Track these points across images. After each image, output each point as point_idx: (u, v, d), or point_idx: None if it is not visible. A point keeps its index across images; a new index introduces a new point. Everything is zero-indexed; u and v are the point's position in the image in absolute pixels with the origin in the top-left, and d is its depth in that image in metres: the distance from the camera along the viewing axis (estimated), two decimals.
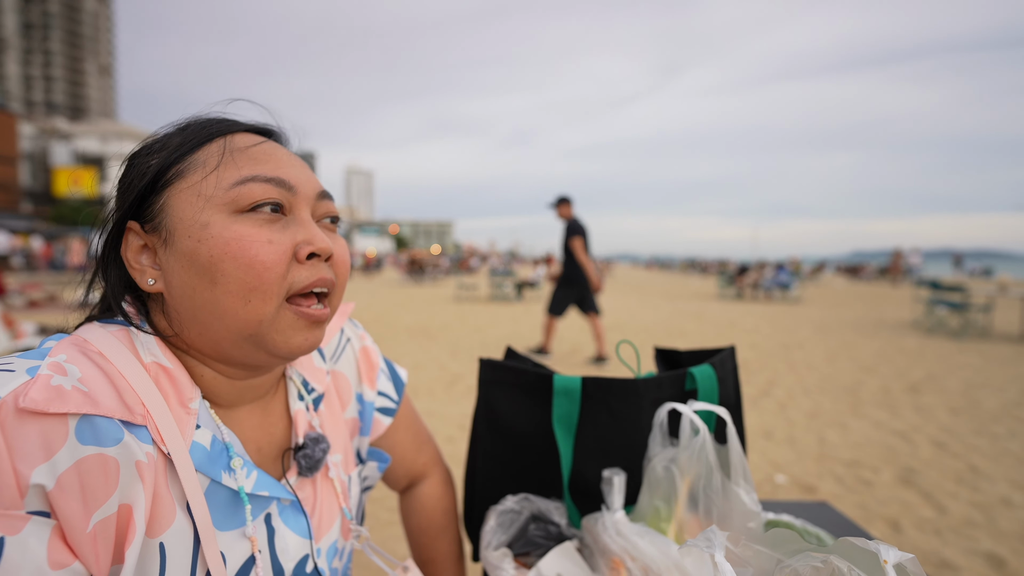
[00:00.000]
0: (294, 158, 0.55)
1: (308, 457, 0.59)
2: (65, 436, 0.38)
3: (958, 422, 3.84)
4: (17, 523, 0.36)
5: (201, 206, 0.48)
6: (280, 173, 0.51)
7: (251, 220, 0.48)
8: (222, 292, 0.47)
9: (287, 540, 0.55)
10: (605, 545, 0.68)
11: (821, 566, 0.48)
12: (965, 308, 8.29)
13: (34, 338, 4.37)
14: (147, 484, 0.43)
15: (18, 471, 0.36)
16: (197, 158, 0.50)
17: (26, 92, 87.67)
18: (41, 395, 0.38)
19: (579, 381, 0.77)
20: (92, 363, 0.44)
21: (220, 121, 0.54)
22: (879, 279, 29.97)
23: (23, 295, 9.95)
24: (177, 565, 0.45)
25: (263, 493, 0.53)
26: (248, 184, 0.49)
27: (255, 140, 0.53)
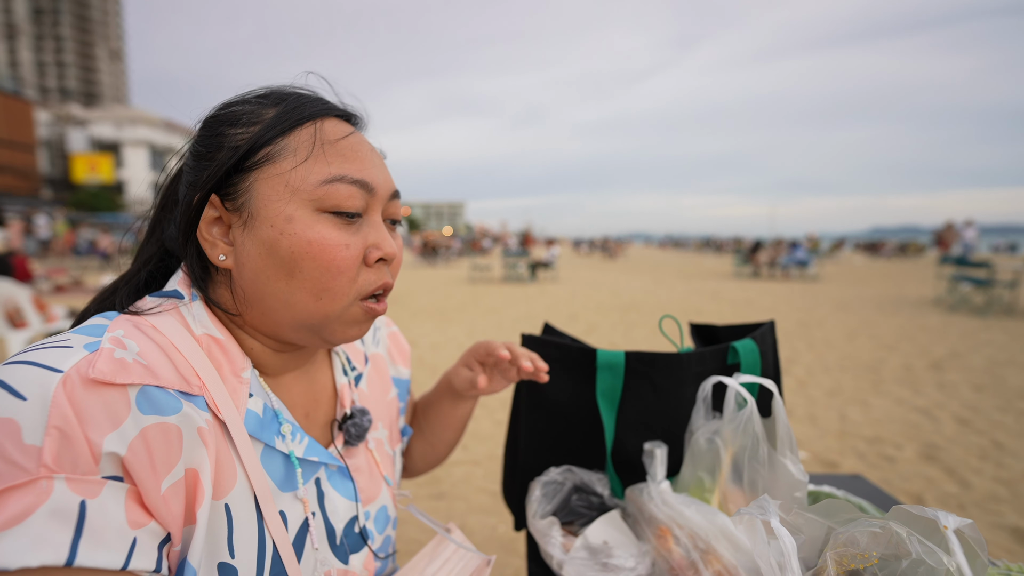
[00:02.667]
0: (375, 154, 0.55)
1: (357, 426, 0.62)
2: (128, 407, 0.40)
3: (982, 399, 3.79)
4: (95, 487, 0.38)
5: (288, 197, 0.48)
6: (365, 175, 0.51)
7: (333, 222, 0.49)
8: (297, 286, 0.49)
9: (336, 503, 0.59)
10: (651, 514, 0.70)
11: (880, 532, 0.49)
12: (990, 284, 8.09)
13: (65, 321, 4.51)
14: (210, 449, 0.45)
15: (90, 439, 0.38)
16: (289, 143, 0.49)
17: (40, 79, 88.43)
18: (108, 367, 0.40)
19: (623, 355, 0.77)
20: (148, 337, 0.46)
21: (313, 101, 0.53)
22: (898, 256, 29.31)
23: (49, 280, 10.21)
24: (244, 525, 0.48)
25: (313, 458, 0.56)
26: (336, 184, 0.49)
27: (344, 131, 0.53)
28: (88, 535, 0.37)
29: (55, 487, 0.36)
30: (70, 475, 0.37)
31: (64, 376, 0.38)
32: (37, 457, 0.36)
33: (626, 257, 31.50)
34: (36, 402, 0.37)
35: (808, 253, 15.63)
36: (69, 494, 0.36)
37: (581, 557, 0.68)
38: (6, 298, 4.19)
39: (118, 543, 0.38)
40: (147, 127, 49.65)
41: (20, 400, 0.37)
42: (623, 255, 33.57)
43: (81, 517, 0.37)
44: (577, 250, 44.59)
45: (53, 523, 0.36)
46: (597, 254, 35.70)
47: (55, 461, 0.36)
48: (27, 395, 0.37)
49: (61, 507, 0.36)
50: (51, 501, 0.36)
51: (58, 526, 0.36)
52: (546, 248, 16.79)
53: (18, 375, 0.38)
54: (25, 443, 0.36)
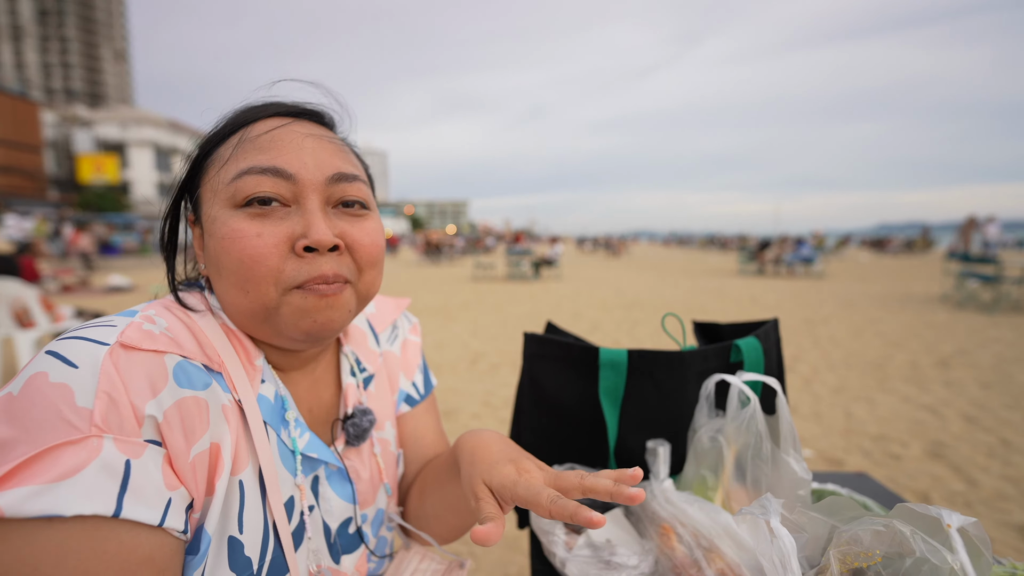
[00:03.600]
0: (311, 140, 0.52)
1: (356, 426, 0.63)
2: (166, 379, 0.44)
3: (990, 396, 3.76)
4: (138, 448, 0.41)
5: (212, 201, 0.51)
6: (278, 162, 0.50)
7: (245, 214, 0.49)
8: (227, 284, 0.50)
9: (332, 503, 0.59)
10: (654, 512, 0.70)
11: (883, 530, 0.48)
12: (998, 281, 8.02)
13: (72, 320, 4.54)
14: (231, 425, 0.49)
15: (134, 404, 0.41)
16: (220, 152, 0.53)
17: (45, 80, 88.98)
18: (136, 335, 0.44)
19: (625, 354, 0.77)
20: (176, 317, 0.50)
21: (245, 110, 0.55)
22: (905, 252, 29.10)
23: (56, 280, 10.29)
24: (253, 503, 0.50)
25: (312, 455, 0.57)
26: (244, 177, 0.49)
27: (273, 125, 0.52)
28: (132, 491, 0.40)
29: (104, 445, 0.39)
30: (117, 435, 0.40)
31: (110, 347, 0.42)
32: (89, 418, 0.39)
33: (630, 255, 31.44)
34: (87, 370, 0.41)
35: (813, 250, 15.54)
36: (116, 453, 0.40)
37: (584, 555, 0.68)
38: (14, 298, 4.23)
39: (156, 501, 0.41)
40: (152, 127, 49.90)
41: (72, 368, 0.40)
42: (627, 253, 33.50)
43: (126, 474, 0.40)
44: (581, 248, 44.51)
45: (103, 477, 0.39)
46: (601, 252, 35.65)
47: (104, 422, 0.40)
48: (79, 363, 0.41)
49: (110, 463, 0.39)
50: (101, 457, 0.39)
51: (107, 481, 0.39)
52: (549, 246, 16.77)
53: (70, 347, 0.42)
54: (78, 405, 0.39)
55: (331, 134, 0.57)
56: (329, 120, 0.60)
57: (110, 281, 10.51)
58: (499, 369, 4.51)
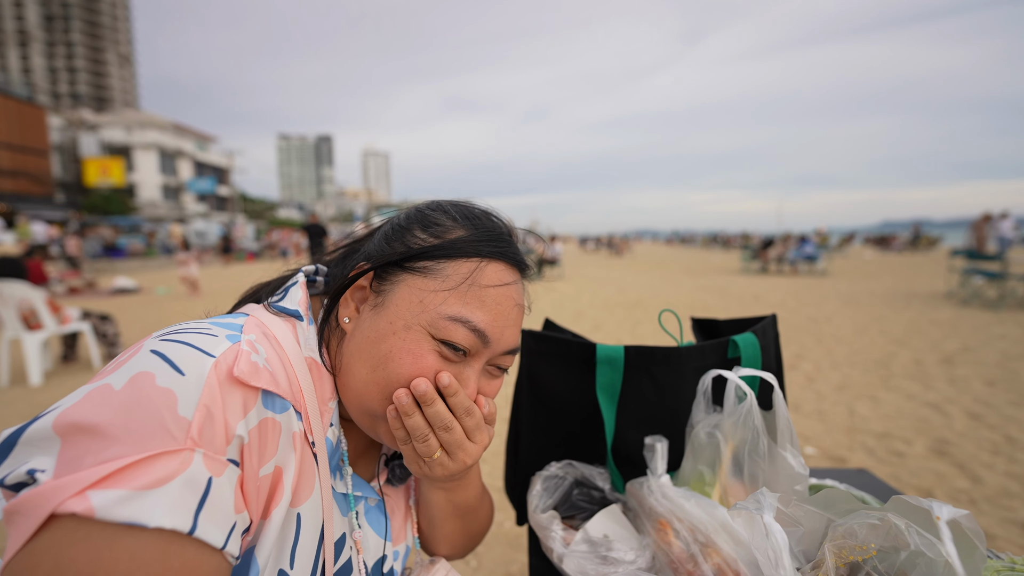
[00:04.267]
0: (517, 311, 0.57)
1: (402, 467, 0.66)
2: (255, 401, 0.44)
3: (994, 393, 3.74)
4: (221, 467, 0.41)
5: (417, 311, 0.52)
6: (489, 328, 0.53)
7: (436, 348, 0.52)
8: (375, 380, 0.52)
9: (368, 540, 0.61)
10: (651, 507, 0.70)
11: (878, 523, 0.49)
12: (1003, 278, 7.97)
13: (79, 323, 4.58)
14: (297, 454, 0.49)
15: (228, 422, 0.41)
16: (446, 269, 0.54)
17: (51, 84, 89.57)
18: (247, 368, 0.44)
19: (622, 350, 0.78)
20: (272, 348, 0.50)
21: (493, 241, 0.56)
22: (909, 249, 28.93)
23: (63, 283, 10.37)
24: (307, 538, 0.50)
25: (357, 493, 0.59)
26: (457, 325, 0.52)
27: (501, 280, 0.55)
28: (207, 510, 0.39)
29: (195, 459, 0.39)
30: (207, 451, 0.40)
31: (216, 360, 0.42)
32: (187, 429, 0.39)
33: (632, 254, 31.38)
34: (193, 380, 0.40)
35: (817, 248, 15.47)
36: (203, 468, 0.39)
37: (581, 550, 0.69)
38: (21, 300, 4.27)
39: (224, 523, 0.41)
40: (157, 130, 50.15)
41: (180, 375, 0.40)
42: (629, 252, 33.44)
43: (206, 492, 0.39)
44: (583, 247, 44.44)
45: (186, 492, 0.38)
46: (603, 251, 35.58)
47: (200, 435, 0.39)
48: (186, 371, 0.41)
49: (195, 479, 0.39)
50: (189, 471, 0.39)
51: (189, 496, 0.38)
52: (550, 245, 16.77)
53: (176, 352, 0.42)
54: (180, 414, 0.39)
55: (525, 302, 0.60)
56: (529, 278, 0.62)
57: (116, 283, 10.58)
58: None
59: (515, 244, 0.59)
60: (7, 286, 4.18)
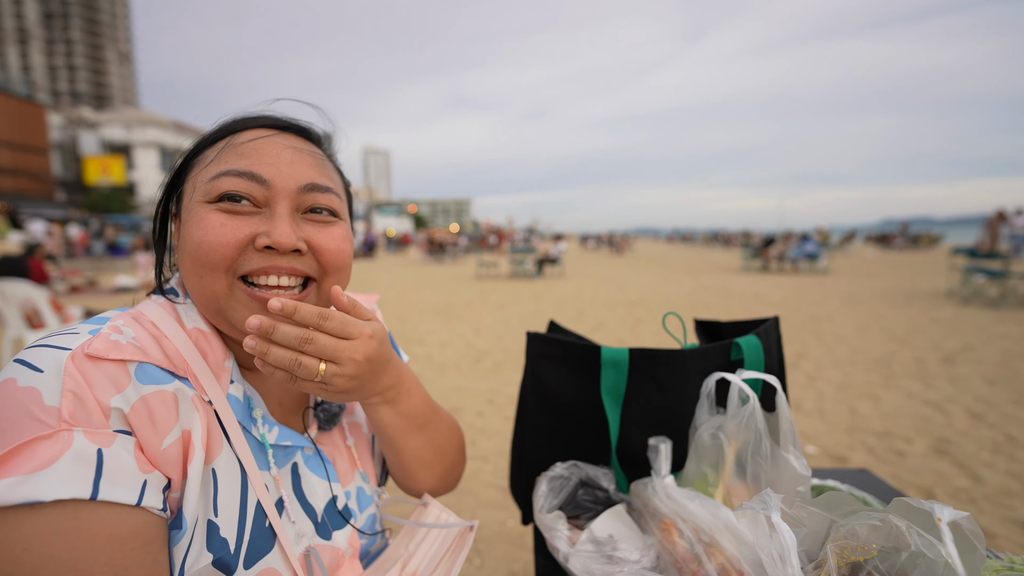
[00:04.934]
0: (290, 152, 0.57)
1: (326, 411, 0.67)
2: (128, 378, 0.47)
3: (995, 392, 3.75)
4: (108, 438, 0.44)
5: (191, 196, 0.56)
6: (255, 167, 0.54)
7: (214, 207, 0.53)
8: (187, 269, 0.54)
9: (313, 484, 0.63)
10: (656, 508, 0.71)
11: (879, 524, 0.50)
12: (1004, 276, 7.97)
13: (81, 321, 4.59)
14: (201, 415, 0.52)
15: (99, 399, 0.45)
16: (205, 155, 0.57)
17: (51, 82, 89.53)
18: (103, 345, 0.47)
19: (627, 353, 0.79)
20: (143, 328, 0.53)
21: (235, 120, 0.60)
22: (910, 247, 28.90)
23: (64, 281, 10.38)
24: (227, 489, 0.53)
25: (286, 443, 0.60)
26: (221, 178, 0.54)
27: (258, 135, 0.57)
28: (107, 476, 0.43)
29: (75, 437, 0.43)
30: (86, 428, 0.43)
31: (72, 352, 0.46)
32: (57, 415, 0.43)
33: (633, 252, 31.38)
34: (51, 373, 0.44)
35: (818, 246, 15.46)
36: (87, 443, 0.43)
37: (587, 550, 0.70)
38: (24, 299, 4.28)
39: (132, 483, 0.44)
40: (156, 129, 50.17)
41: (38, 372, 0.44)
42: (630, 250, 33.43)
43: (99, 462, 0.43)
44: (584, 246, 44.44)
45: (77, 466, 0.42)
46: (604, 249, 35.58)
47: (72, 417, 0.43)
48: (43, 368, 0.44)
49: (82, 453, 0.42)
50: (73, 449, 0.42)
51: (82, 468, 0.42)
52: (552, 243, 16.75)
53: (34, 354, 0.46)
54: (46, 404, 0.43)
55: (313, 148, 0.61)
56: (315, 137, 0.63)
57: (117, 282, 10.59)
58: (502, 367, 4.53)
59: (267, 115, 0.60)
60: (10, 285, 4.20)
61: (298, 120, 0.62)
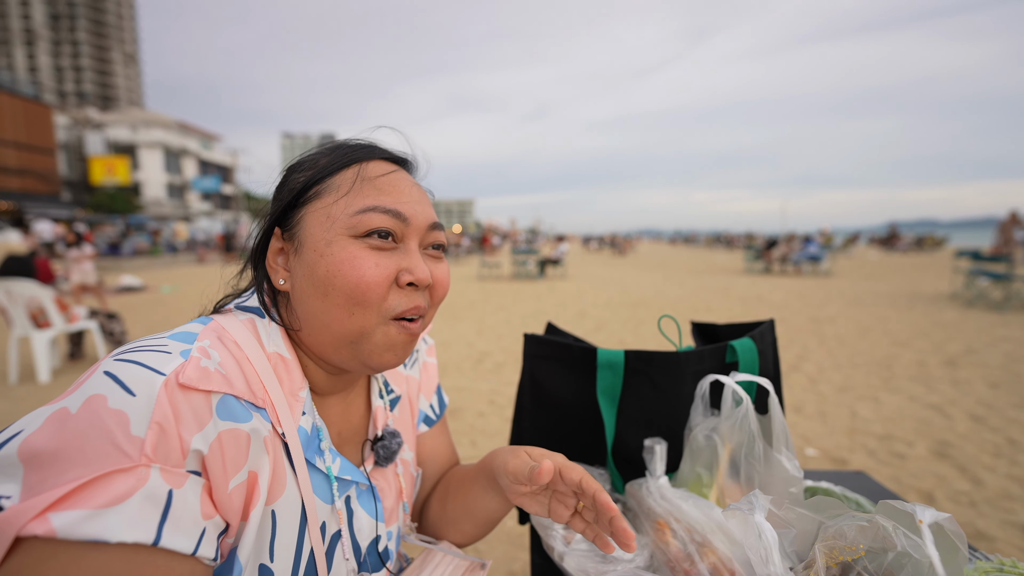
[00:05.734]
0: (416, 190, 0.60)
1: (385, 448, 0.67)
2: (210, 413, 0.46)
3: (997, 395, 3.74)
4: (181, 479, 0.43)
5: (328, 226, 0.55)
6: (398, 205, 0.56)
7: (365, 244, 0.54)
8: (331, 303, 0.53)
9: (362, 521, 0.63)
10: (650, 508, 0.72)
11: (867, 525, 0.51)
12: (1008, 279, 7.94)
13: (86, 321, 4.63)
14: (270, 456, 0.51)
15: (182, 436, 0.43)
16: (334, 182, 0.57)
17: (57, 83, 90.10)
18: (194, 374, 0.46)
19: (622, 354, 0.80)
20: (228, 351, 0.52)
21: (360, 148, 0.60)
22: (914, 250, 28.79)
23: (69, 281, 10.44)
24: (285, 531, 0.53)
25: (346, 477, 0.61)
26: (369, 213, 0.54)
27: (386, 169, 0.59)
28: (171, 521, 0.42)
29: (151, 475, 0.41)
30: (164, 465, 0.42)
31: (166, 379, 0.44)
32: (140, 447, 0.41)
33: (636, 253, 31.36)
34: (143, 399, 0.42)
35: (821, 248, 15.41)
36: (161, 482, 0.42)
37: (581, 549, 0.71)
38: (30, 298, 4.32)
39: (192, 530, 0.43)
40: (162, 129, 50.39)
41: (130, 395, 0.42)
42: (632, 251, 33.40)
43: (168, 504, 0.42)
44: (586, 247, 44.42)
45: (147, 506, 0.41)
46: (606, 250, 35.57)
47: (154, 452, 0.42)
48: (136, 392, 0.43)
49: (154, 493, 0.41)
50: (147, 487, 0.41)
51: (150, 509, 0.41)
52: (554, 245, 16.76)
53: (128, 372, 0.43)
54: (132, 433, 0.41)
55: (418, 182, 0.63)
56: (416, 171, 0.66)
57: (122, 281, 10.65)
58: (504, 368, 4.54)
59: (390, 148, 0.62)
60: (16, 285, 4.23)
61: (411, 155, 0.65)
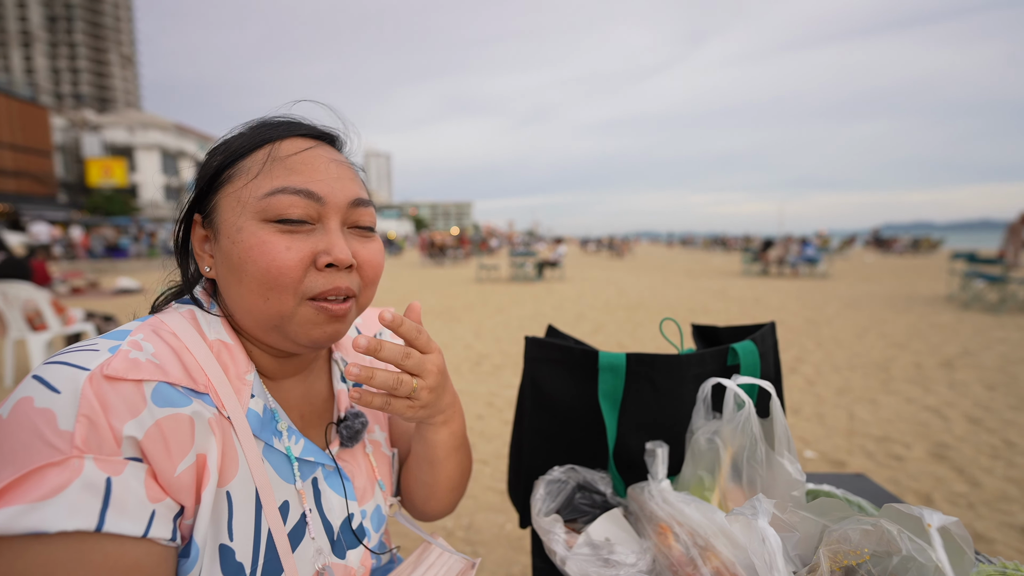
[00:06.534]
0: (336, 166, 0.57)
1: (348, 428, 0.67)
2: (144, 401, 0.46)
3: (994, 397, 3.75)
4: (118, 466, 0.43)
5: (239, 211, 0.54)
6: (310, 184, 0.54)
7: (275, 228, 0.53)
8: (246, 289, 0.53)
9: (332, 501, 0.63)
10: (652, 512, 0.72)
11: (871, 529, 0.50)
12: (1004, 281, 7.97)
13: (83, 323, 4.60)
14: (218, 438, 0.51)
15: (112, 426, 0.44)
16: (244, 164, 0.55)
17: (54, 85, 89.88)
18: (121, 365, 0.46)
19: (624, 357, 0.80)
20: (164, 341, 0.51)
21: (274, 126, 0.58)
22: (910, 252, 28.91)
23: (66, 283, 10.40)
24: (242, 512, 0.52)
25: (309, 458, 0.60)
26: (278, 195, 0.53)
27: (301, 146, 0.57)
28: (114, 506, 0.42)
29: (85, 465, 0.42)
30: (97, 455, 0.43)
31: (91, 373, 0.44)
32: (70, 440, 0.42)
33: (633, 256, 31.41)
34: (68, 395, 0.43)
35: (817, 250, 15.47)
36: (97, 471, 0.42)
37: (584, 553, 0.70)
38: (25, 301, 4.29)
39: (139, 514, 0.44)
40: (159, 131, 50.29)
41: (55, 393, 0.43)
42: (630, 254, 33.46)
43: (107, 491, 0.42)
44: (584, 249, 44.49)
45: (84, 495, 0.41)
46: (604, 253, 35.62)
47: (84, 443, 0.42)
48: (61, 389, 0.43)
49: (91, 482, 0.42)
50: (83, 477, 0.41)
51: (89, 498, 0.41)
52: (552, 247, 16.78)
53: (53, 373, 0.44)
54: (60, 428, 0.42)
55: (346, 159, 0.61)
56: (343, 145, 0.64)
57: (119, 283, 10.61)
58: (502, 370, 4.53)
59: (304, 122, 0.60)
60: (12, 287, 4.21)
61: (334, 129, 0.62)
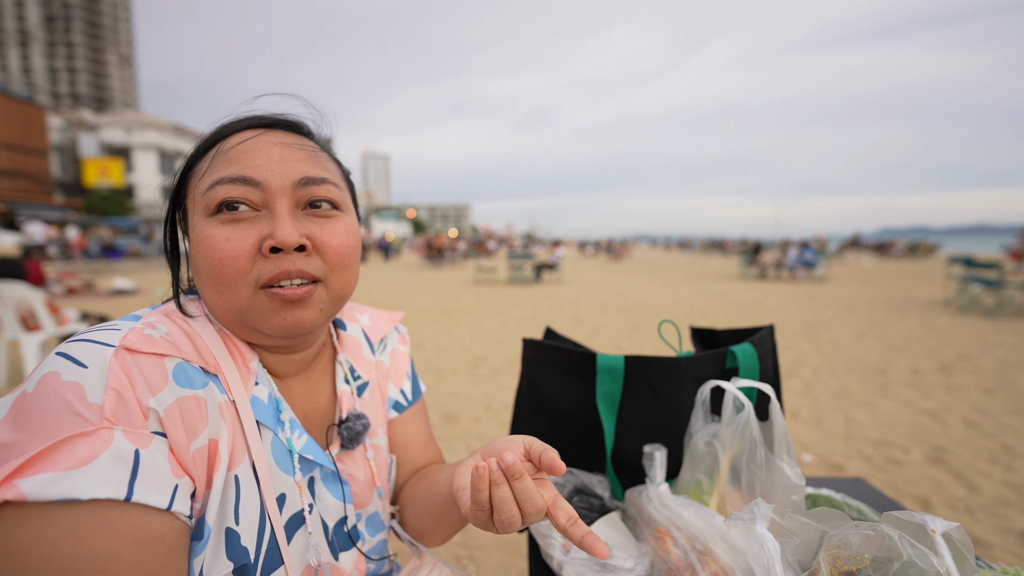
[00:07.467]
0: (280, 149, 0.55)
1: (350, 429, 0.66)
2: (166, 379, 0.48)
3: (992, 401, 3.75)
4: (146, 439, 0.44)
5: (193, 212, 0.55)
6: (245, 171, 0.53)
7: (216, 220, 0.52)
8: (204, 286, 0.54)
9: (327, 503, 0.62)
10: (650, 516, 0.71)
11: (872, 534, 0.50)
12: (1001, 285, 8.00)
13: (77, 324, 4.57)
14: (228, 423, 0.52)
15: (140, 400, 0.45)
16: (200, 166, 0.56)
17: (52, 85, 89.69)
18: (137, 339, 0.48)
19: (622, 360, 0.79)
20: (175, 324, 0.53)
21: (223, 125, 0.58)
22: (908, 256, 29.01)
23: (61, 283, 10.35)
24: (249, 497, 0.53)
25: (309, 456, 0.60)
26: (215, 187, 0.53)
27: (244, 137, 0.56)
28: (142, 477, 0.43)
29: (115, 436, 0.43)
30: (126, 428, 0.44)
31: (116, 349, 0.46)
32: (100, 412, 0.43)
33: (631, 258, 31.45)
34: (96, 369, 0.44)
35: (816, 254, 15.52)
36: (126, 443, 0.43)
37: (581, 558, 0.69)
38: (20, 301, 4.26)
39: (164, 487, 0.44)
40: (156, 131, 50.20)
41: (82, 367, 0.44)
42: (628, 256, 33.50)
43: (136, 462, 0.43)
44: (583, 252, 44.53)
45: (115, 465, 0.42)
46: (602, 255, 35.66)
47: (114, 415, 0.43)
48: (88, 363, 0.44)
49: (121, 453, 0.43)
50: (113, 447, 0.42)
51: (119, 468, 0.42)
52: (551, 250, 16.78)
53: (79, 348, 0.45)
54: (89, 400, 0.43)
55: (303, 141, 0.59)
56: (305, 129, 0.61)
57: (114, 284, 10.56)
58: (500, 373, 4.52)
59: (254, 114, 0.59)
60: (6, 287, 4.18)
61: (285, 115, 0.60)
